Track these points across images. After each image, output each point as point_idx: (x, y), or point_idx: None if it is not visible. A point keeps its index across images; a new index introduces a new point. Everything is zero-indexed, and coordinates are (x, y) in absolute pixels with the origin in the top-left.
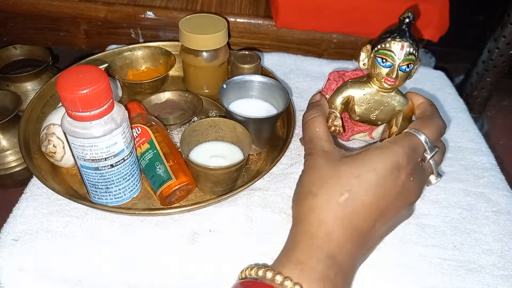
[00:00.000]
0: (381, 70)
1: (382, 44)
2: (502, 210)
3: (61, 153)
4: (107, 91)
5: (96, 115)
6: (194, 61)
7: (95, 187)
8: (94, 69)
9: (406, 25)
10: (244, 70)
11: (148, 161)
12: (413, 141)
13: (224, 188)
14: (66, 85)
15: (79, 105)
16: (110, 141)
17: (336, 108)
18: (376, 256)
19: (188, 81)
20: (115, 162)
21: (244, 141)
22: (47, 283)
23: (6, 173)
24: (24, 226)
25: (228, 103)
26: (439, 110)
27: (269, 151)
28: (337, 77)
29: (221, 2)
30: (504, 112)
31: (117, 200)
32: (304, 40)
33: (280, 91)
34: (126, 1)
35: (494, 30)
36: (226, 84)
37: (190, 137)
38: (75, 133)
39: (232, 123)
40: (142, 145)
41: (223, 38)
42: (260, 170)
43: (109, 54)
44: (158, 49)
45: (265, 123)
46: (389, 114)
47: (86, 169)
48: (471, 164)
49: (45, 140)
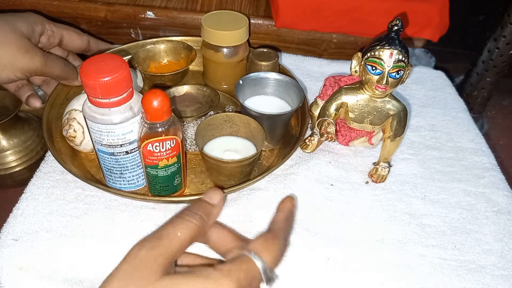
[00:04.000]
0: (371, 77)
1: (371, 52)
2: (502, 210)
3: (80, 138)
4: (126, 81)
5: (114, 103)
6: (214, 57)
7: (110, 172)
8: (117, 59)
9: (395, 33)
10: (262, 67)
11: (169, 173)
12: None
13: (236, 182)
14: (89, 72)
15: (99, 91)
16: (126, 129)
17: (330, 115)
18: (376, 256)
19: (208, 76)
20: (130, 149)
21: (258, 136)
22: (47, 283)
23: (6, 173)
24: (24, 226)
25: (244, 99)
26: (439, 110)
27: (281, 148)
28: (333, 82)
29: (221, 2)
30: (504, 112)
31: (130, 186)
32: (304, 40)
33: (295, 89)
34: (126, 1)
35: (494, 30)
36: (242, 80)
37: (205, 131)
38: (94, 118)
39: (246, 119)
40: (171, 158)
41: (243, 35)
42: (271, 166)
43: (133, 46)
44: (181, 44)
45: (279, 119)
46: (383, 118)
47: (102, 153)
48: (471, 164)
49: (66, 124)
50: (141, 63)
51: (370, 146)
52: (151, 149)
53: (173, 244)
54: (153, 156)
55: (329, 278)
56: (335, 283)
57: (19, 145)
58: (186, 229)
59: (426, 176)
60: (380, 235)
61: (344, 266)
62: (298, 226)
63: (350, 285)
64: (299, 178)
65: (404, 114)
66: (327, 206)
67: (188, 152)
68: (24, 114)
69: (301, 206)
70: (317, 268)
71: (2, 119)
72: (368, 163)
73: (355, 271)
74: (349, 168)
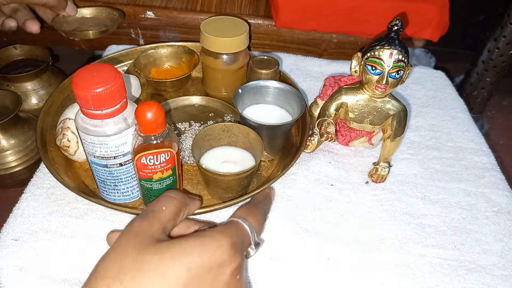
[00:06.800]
0: (371, 77)
1: (371, 52)
2: (502, 210)
3: (74, 148)
4: (120, 91)
5: (107, 114)
6: (213, 63)
7: (104, 183)
8: (110, 68)
9: (395, 33)
10: (262, 75)
11: (164, 186)
12: (241, 230)
13: (234, 195)
14: (81, 83)
15: (91, 103)
16: (120, 140)
17: (330, 115)
18: (376, 256)
19: (207, 83)
20: (124, 161)
21: (256, 147)
22: (47, 283)
23: (6, 173)
24: (24, 226)
25: (243, 108)
26: (439, 110)
27: (281, 158)
28: (333, 82)
29: (221, 2)
30: (504, 112)
31: (125, 198)
32: (304, 40)
33: (296, 97)
34: (126, 1)
35: (494, 30)
36: (241, 89)
37: (202, 141)
38: (86, 130)
39: (245, 129)
40: (166, 171)
41: (243, 42)
42: (271, 177)
43: (133, 51)
44: (181, 48)
45: (279, 130)
46: (383, 118)
47: (95, 165)
48: (471, 164)
49: (60, 133)
50: (142, 69)
51: (370, 146)
52: (145, 162)
53: (161, 217)
54: (147, 169)
55: (329, 278)
56: (335, 283)
57: (19, 145)
58: (170, 203)
59: (426, 176)
60: (380, 235)
61: (344, 266)
62: (298, 226)
63: (350, 285)
64: (299, 178)
65: (404, 114)
66: (327, 206)
67: (186, 163)
68: (24, 114)
69: (301, 206)
70: (317, 268)
71: (2, 119)
72: (368, 163)
73: (355, 271)
74: (349, 168)
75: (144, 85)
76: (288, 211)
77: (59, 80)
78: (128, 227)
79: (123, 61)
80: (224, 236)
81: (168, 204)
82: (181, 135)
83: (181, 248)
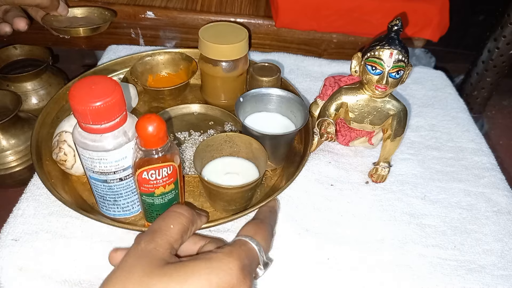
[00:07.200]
0: (371, 77)
1: (371, 52)
2: (502, 210)
3: (71, 161)
4: (119, 104)
5: (107, 128)
6: (213, 71)
7: (103, 199)
8: (108, 81)
9: (395, 33)
10: (263, 83)
11: (167, 201)
12: (249, 250)
13: (237, 207)
14: (78, 96)
15: (90, 117)
16: (120, 155)
17: (330, 115)
18: (376, 256)
19: (206, 90)
20: (124, 176)
21: (260, 157)
22: (47, 283)
23: (6, 173)
24: (24, 226)
25: (245, 116)
26: (439, 110)
27: (284, 167)
28: (333, 82)
29: (221, 2)
30: (504, 112)
31: (125, 213)
32: (304, 40)
33: (298, 105)
34: (126, 1)
35: (494, 30)
36: (242, 97)
37: (204, 152)
38: (84, 145)
39: (247, 139)
40: (168, 185)
41: (243, 49)
42: (275, 187)
43: (129, 59)
44: (179, 54)
45: (282, 139)
46: (383, 118)
47: (95, 180)
48: (471, 164)
49: (56, 147)
50: (139, 76)
51: (370, 146)
52: (146, 177)
53: (168, 236)
54: (148, 184)
55: (329, 278)
56: (335, 283)
57: (19, 145)
58: (177, 221)
59: (426, 176)
60: (380, 235)
61: (344, 266)
62: (298, 226)
63: (350, 285)
64: (299, 178)
65: (404, 114)
66: (327, 206)
67: (186, 175)
68: (24, 114)
69: (301, 206)
70: (317, 268)
71: (2, 119)
72: (368, 163)
73: (355, 271)
74: (349, 168)
75: (141, 93)
76: (288, 211)
77: (59, 80)
78: (134, 247)
79: (119, 69)
80: (232, 259)
81: (176, 222)
82: (181, 145)
83: (189, 271)
